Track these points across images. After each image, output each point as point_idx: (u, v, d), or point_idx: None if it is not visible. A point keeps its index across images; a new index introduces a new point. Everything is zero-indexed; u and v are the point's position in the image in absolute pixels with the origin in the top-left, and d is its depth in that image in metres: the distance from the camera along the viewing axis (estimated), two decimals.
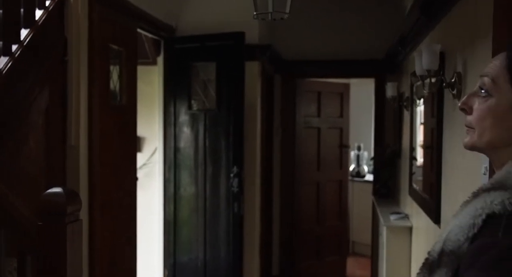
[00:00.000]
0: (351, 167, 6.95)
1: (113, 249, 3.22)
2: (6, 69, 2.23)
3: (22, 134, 2.41)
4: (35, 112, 2.51)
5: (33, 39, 2.45)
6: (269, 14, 2.17)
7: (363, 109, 6.55)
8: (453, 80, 2.29)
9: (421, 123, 3.51)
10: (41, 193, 1.67)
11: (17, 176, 2.34)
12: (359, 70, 5.33)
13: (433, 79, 2.36)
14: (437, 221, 2.70)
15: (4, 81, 2.22)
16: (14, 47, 2.34)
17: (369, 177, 6.47)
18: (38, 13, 2.56)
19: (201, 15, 4.35)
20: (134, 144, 3.65)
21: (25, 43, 2.40)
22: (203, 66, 4.20)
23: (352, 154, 6.99)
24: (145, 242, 4.15)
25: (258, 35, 4.36)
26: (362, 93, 6.52)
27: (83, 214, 2.27)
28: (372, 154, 5.71)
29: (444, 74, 2.51)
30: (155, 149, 4.45)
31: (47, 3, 2.63)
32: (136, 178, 3.62)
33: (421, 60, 2.38)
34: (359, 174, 7.03)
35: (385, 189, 5.03)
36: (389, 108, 5.04)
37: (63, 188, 1.67)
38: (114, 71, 3.27)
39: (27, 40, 2.42)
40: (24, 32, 2.44)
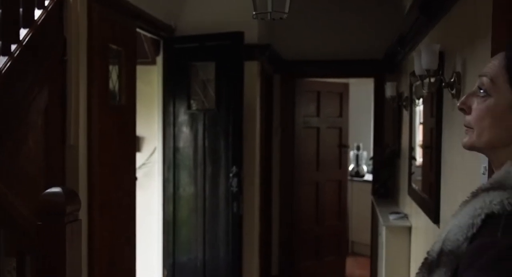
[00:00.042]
0: (350, 167, 6.95)
1: (112, 249, 3.22)
2: (5, 69, 2.23)
3: (21, 134, 2.41)
4: (34, 112, 2.51)
5: (32, 39, 2.45)
6: (268, 14, 2.17)
7: (362, 109, 6.55)
8: (452, 80, 2.29)
9: (420, 123, 3.50)
10: (40, 193, 1.67)
11: (16, 176, 2.34)
12: (358, 70, 5.33)
13: (432, 79, 2.36)
14: (436, 221, 2.70)
15: (3, 81, 2.22)
16: (13, 47, 2.34)
17: (368, 177, 6.47)
18: (37, 13, 2.56)
19: (201, 15, 4.35)
20: (133, 144, 3.64)
21: (24, 43, 2.40)
22: (203, 66, 4.20)
23: (352, 154, 6.99)
24: (144, 242, 4.15)
25: (258, 35, 4.36)
26: (361, 93, 6.52)
27: (82, 214, 2.26)
28: (371, 154, 5.72)
29: (443, 74, 2.51)
30: (154, 149, 4.45)
31: (46, 3, 2.62)
32: (135, 178, 3.62)
33: (420, 60, 2.38)
34: (358, 174, 7.03)
35: (384, 189, 5.02)
36: (388, 108, 5.04)
37: (62, 188, 1.67)
38: (114, 71, 3.27)
39: (26, 40, 2.41)
40: (23, 32, 2.44)
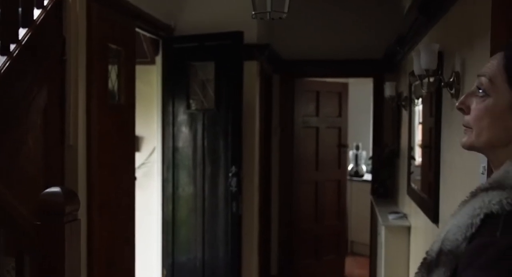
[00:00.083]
0: (350, 167, 6.95)
1: (112, 249, 3.22)
2: (4, 69, 2.22)
3: (21, 134, 2.41)
4: (34, 112, 2.50)
5: (31, 39, 2.45)
6: (268, 14, 2.18)
7: (362, 109, 6.55)
8: (452, 80, 2.29)
9: (420, 123, 3.51)
10: (40, 193, 1.67)
11: (16, 176, 2.34)
12: (358, 70, 5.33)
13: (432, 79, 2.36)
14: (435, 221, 2.70)
15: (2, 81, 2.21)
16: (12, 47, 2.34)
17: (368, 177, 6.47)
18: (36, 13, 2.56)
19: (200, 15, 4.34)
20: (133, 144, 3.64)
21: (23, 43, 2.39)
22: (202, 66, 4.20)
23: (351, 154, 6.99)
24: (144, 242, 4.14)
25: (257, 35, 4.36)
26: (361, 93, 6.52)
27: (82, 214, 2.26)
28: (371, 154, 5.72)
29: (443, 74, 2.51)
30: (154, 149, 4.45)
31: (45, 3, 2.62)
32: (135, 178, 3.62)
33: (420, 60, 2.38)
34: (358, 174, 7.03)
35: (384, 189, 5.02)
36: (388, 108, 5.04)
37: (62, 188, 1.67)
38: (113, 71, 3.27)
39: (25, 40, 2.41)
40: (22, 32, 2.43)
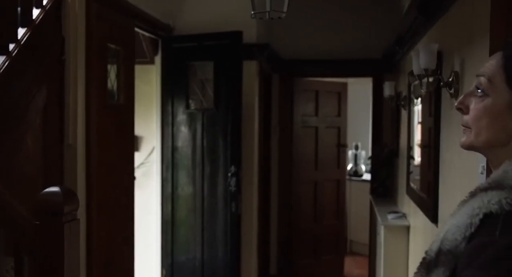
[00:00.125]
0: (349, 166, 6.95)
1: (111, 249, 3.22)
2: (3, 68, 2.22)
3: (20, 133, 2.40)
4: (33, 111, 2.50)
5: (30, 38, 2.44)
6: (267, 13, 2.18)
7: (361, 108, 6.55)
8: (451, 80, 2.29)
9: (419, 123, 3.51)
10: (39, 192, 1.67)
11: (15, 175, 2.34)
12: (357, 70, 5.34)
13: (431, 79, 2.36)
14: (435, 220, 2.70)
15: (1, 80, 2.21)
16: (11, 46, 2.34)
17: (367, 176, 6.47)
18: (35, 12, 2.56)
19: (199, 14, 4.34)
20: (132, 144, 3.64)
21: (22, 42, 2.39)
22: (201, 65, 4.19)
23: (350, 153, 6.99)
24: (143, 242, 4.14)
25: (256, 34, 4.36)
26: (360, 93, 6.53)
27: (81, 214, 2.26)
28: (370, 153, 5.72)
29: (442, 74, 2.51)
30: (153, 149, 4.45)
31: (44, 2, 2.62)
32: (134, 178, 3.62)
33: (419, 60, 2.39)
34: (357, 173, 7.03)
35: (383, 188, 5.03)
36: (387, 108, 5.05)
37: (61, 187, 1.67)
38: (112, 70, 3.27)
39: (24, 39, 2.41)
40: (21, 31, 2.43)
